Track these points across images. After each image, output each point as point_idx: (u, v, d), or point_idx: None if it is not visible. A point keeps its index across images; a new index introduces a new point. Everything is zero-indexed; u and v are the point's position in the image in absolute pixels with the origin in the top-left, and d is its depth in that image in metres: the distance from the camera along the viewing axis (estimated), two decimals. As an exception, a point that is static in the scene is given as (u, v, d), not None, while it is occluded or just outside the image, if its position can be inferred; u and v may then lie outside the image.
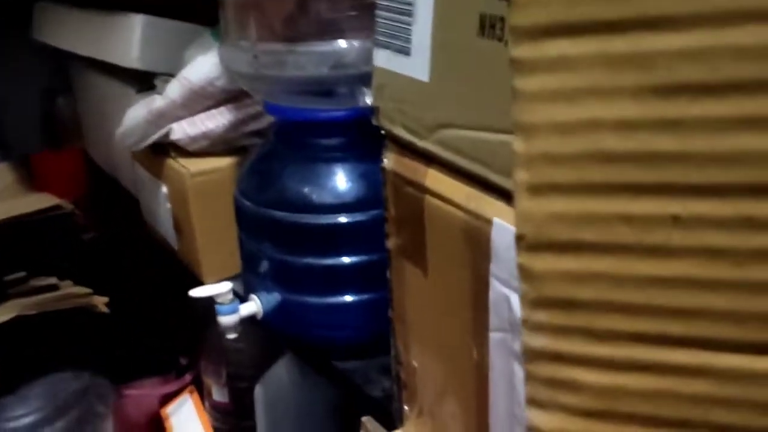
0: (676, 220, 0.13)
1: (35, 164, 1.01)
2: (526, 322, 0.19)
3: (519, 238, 0.16)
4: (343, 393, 0.69)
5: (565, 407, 0.18)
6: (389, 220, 0.42)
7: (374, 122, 0.40)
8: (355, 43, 0.47)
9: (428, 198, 0.37)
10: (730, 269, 0.13)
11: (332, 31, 0.47)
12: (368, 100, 0.40)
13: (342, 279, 0.55)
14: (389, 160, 0.40)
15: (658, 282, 0.15)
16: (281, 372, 0.77)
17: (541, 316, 0.17)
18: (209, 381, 0.89)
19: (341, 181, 0.54)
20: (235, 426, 0.89)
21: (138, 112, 0.68)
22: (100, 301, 0.74)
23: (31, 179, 0.97)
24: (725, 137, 0.12)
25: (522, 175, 0.15)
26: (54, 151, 1.07)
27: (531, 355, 0.19)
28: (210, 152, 0.69)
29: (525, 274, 0.16)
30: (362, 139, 0.54)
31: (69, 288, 0.72)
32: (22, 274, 0.72)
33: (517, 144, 0.15)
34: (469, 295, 0.36)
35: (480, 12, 0.31)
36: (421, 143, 0.37)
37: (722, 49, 0.12)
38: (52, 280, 0.73)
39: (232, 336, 0.58)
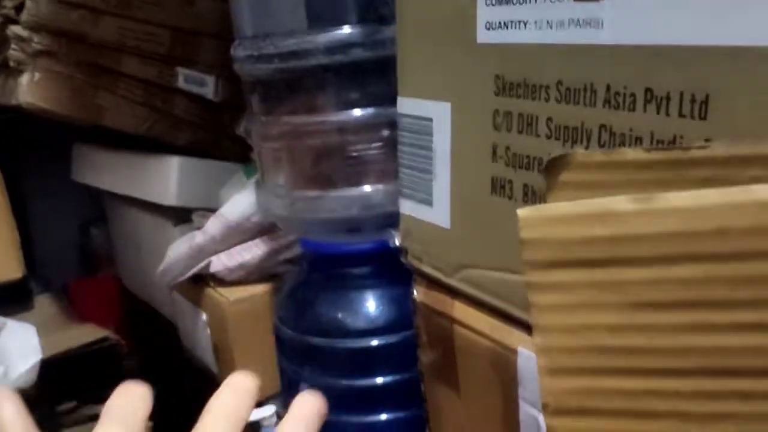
0: (654, 393, 0.18)
1: (73, 293, 1.07)
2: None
3: (544, 406, 0.21)
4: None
5: None
6: (422, 345, 0.46)
7: (402, 260, 0.45)
8: (380, 187, 0.53)
9: (457, 327, 0.42)
10: (697, 428, 0.18)
11: (359, 176, 0.53)
12: (396, 241, 0.45)
13: (377, 398, 0.59)
14: (419, 293, 0.45)
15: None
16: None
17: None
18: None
19: (371, 306, 0.59)
20: None
21: (179, 248, 0.74)
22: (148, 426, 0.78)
23: (70, 307, 1.02)
24: (678, 337, 0.18)
25: (542, 361, 0.21)
26: (90, 278, 1.14)
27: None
28: (246, 281, 0.75)
29: (550, 430, 0.21)
30: (389, 268, 0.60)
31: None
32: (72, 403, 0.76)
33: (536, 339, 0.21)
34: (500, 414, 0.40)
35: (492, 175, 0.36)
36: (447, 280, 0.42)
37: (671, 280, 0.18)
38: (101, 409, 0.77)
39: (277, 457, 0.61)
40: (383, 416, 0.58)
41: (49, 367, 0.69)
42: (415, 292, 0.46)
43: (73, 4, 0.72)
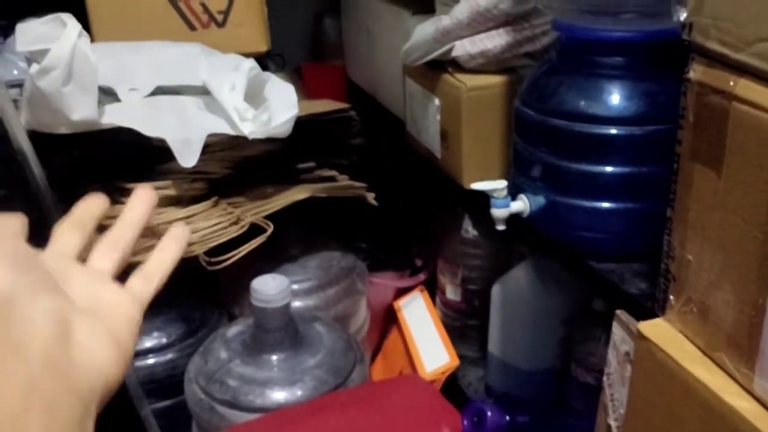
0: None
1: (305, 75, 1.16)
2: None
3: None
4: (583, 297, 0.76)
5: None
6: (685, 127, 0.47)
7: (685, 36, 0.45)
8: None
9: (736, 104, 0.42)
10: None
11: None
12: (681, 17, 0.45)
13: (608, 187, 0.61)
14: (695, 72, 0.45)
15: None
16: (519, 275, 0.85)
17: None
18: (444, 280, 1.00)
19: (617, 97, 0.59)
20: (464, 323, 0.99)
21: (426, 30, 0.77)
22: (371, 196, 0.85)
23: (303, 87, 1.11)
24: None
25: None
26: (319, 64, 1.21)
27: None
28: (483, 70, 0.77)
29: None
30: (643, 60, 0.59)
31: (347, 180, 0.84)
32: (312, 164, 0.85)
33: None
34: (766, 192, 0.40)
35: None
36: (736, 55, 0.41)
37: None
38: (334, 173, 0.85)
39: (501, 227, 0.66)
40: (610, 204, 0.60)
41: (296, 128, 0.76)
42: (690, 72, 0.45)
43: None
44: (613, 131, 0.59)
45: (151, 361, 0.84)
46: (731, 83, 0.42)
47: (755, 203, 0.42)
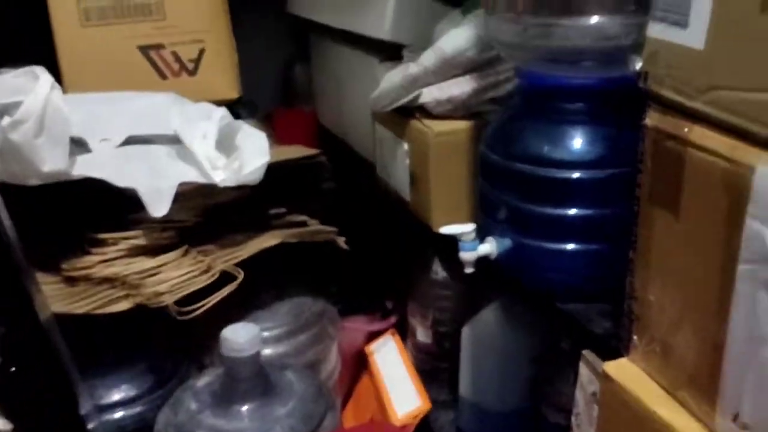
0: None
1: (276, 121, 1.17)
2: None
3: None
4: (552, 337, 0.77)
5: None
6: (644, 171, 0.48)
7: (641, 85, 0.47)
8: (617, 18, 0.54)
9: (690, 150, 0.44)
10: None
11: (596, 5, 0.54)
12: (636, 66, 0.47)
13: (572, 229, 0.62)
14: (652, 119, 0.47)
15: None
16: (489, 316, 0.86)
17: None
18: (415, 323, 1.00)
19: (579, 141, 0.61)
20: (435, 365, 0.99)
21: (394, 77, 0.79)
22: (341, 240, 0.86)
23: (274, 133, 1.12)
24: None
25: None
26: (289, 110, 1.23)
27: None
28: (449, 116, 0.79)
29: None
30: (604, 106, 0.61)
31: (318, 225, 0.85)
32: (282, 209, 0.85)
33: None
34: (722, 233, 0.42)
35: (764, -8, 0.37)
36: (690, 103, 0.43)
37: None
38: (305, 218, 0.86)
39: (470, 270, 0.67)
40: (574, 246, 0.62)
41: (267, 174, 0.77)
42: (647, 119, 0.47)
43: None
44: (576, 175, 0.61)
45: (119, 414, 0.82)
46: (686, 129, 0.44)
47: (712, 244, 0.43)
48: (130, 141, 0.80)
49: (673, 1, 0.43)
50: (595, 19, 0.54)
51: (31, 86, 0.67)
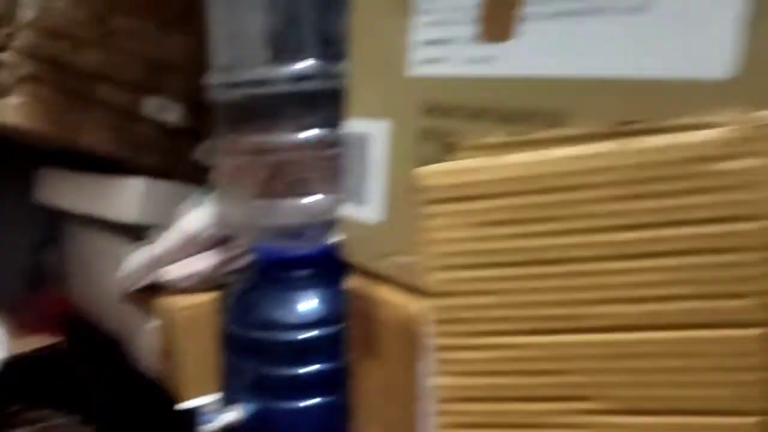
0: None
1: (23, 309, 1.12)
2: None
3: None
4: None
5: None
6: (349, 326, 0.56)
7: (340, 255, 0.55)
8: (322, 197, 0.63)
9: (378, 306, 0.51)
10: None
11: (306, 188, 0.63)
12: (335, 239, 0.55)
13: (306, 386, 0.67)
14: (351, 282, 0.55)
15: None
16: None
17: None
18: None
19: (306, 304, 0.68)
20: None
21: (137, 258, 0.81)
22: (86, 430, 0.83)
23: (18, 321, 1.07)
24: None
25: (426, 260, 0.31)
26: (38, 294, 1.18)
27: None
28: (194, 290, 0.82)
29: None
30: (325, 271, 0.69)
31: (57, 419, 0.82)
32: (16, 407, 0.81)
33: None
34: (411, 383, 0.49)
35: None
36: (375, 267, 0.52)
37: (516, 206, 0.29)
38: (45, 413, 0.82)
39: (215, 440, 0.68)
40: (312, 401, 0.66)
41: (4, 371, 0.74)
42: (347, 282, 0.55)
43: (62, 35, 0.82)
44: (305, 335, 0.67)
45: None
46: (374, 289, 0.52)
47: (404, 386, 0.50)
48: None
49: (354, 183, 0.53)
50: (306, 200, 0.63)
51: None
